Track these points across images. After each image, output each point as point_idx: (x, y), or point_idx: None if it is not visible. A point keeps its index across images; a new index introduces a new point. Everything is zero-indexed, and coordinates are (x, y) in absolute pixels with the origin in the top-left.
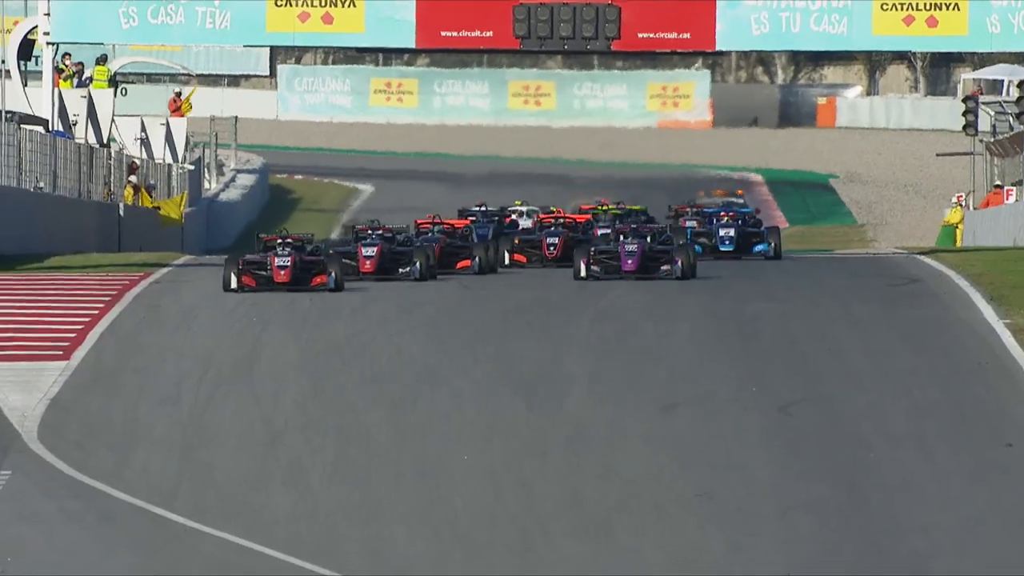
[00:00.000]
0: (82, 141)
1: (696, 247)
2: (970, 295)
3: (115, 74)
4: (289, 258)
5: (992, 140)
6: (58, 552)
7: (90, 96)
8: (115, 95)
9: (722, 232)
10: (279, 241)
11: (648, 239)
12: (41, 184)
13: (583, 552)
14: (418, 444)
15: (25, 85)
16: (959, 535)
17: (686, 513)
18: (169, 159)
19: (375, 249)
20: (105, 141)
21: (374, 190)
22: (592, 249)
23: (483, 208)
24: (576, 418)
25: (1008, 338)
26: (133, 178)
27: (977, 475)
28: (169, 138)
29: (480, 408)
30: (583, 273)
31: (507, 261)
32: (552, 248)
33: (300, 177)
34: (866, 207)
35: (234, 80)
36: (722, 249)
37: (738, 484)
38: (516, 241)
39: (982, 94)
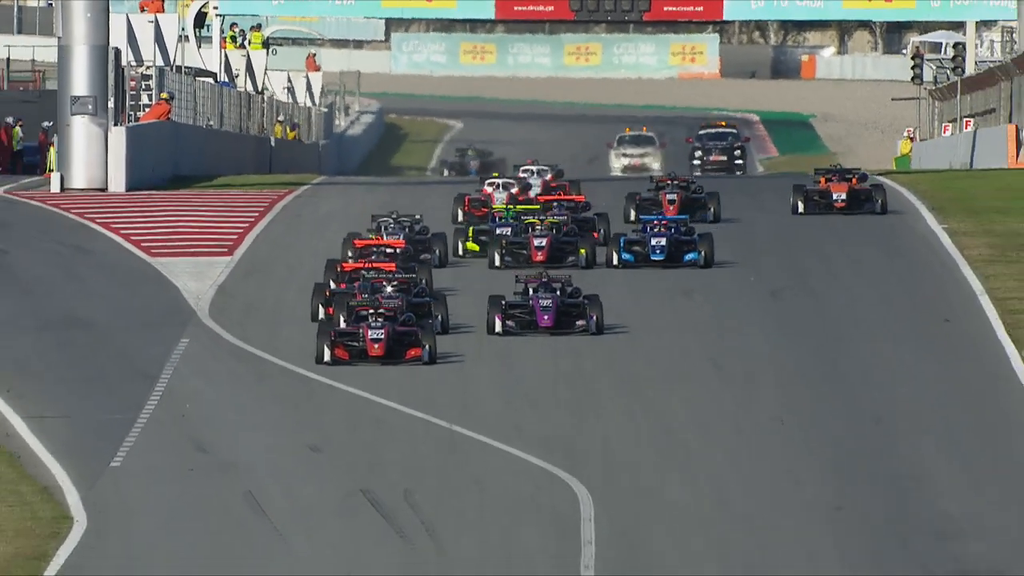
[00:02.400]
0: (242, 90)
1: (629, 256)
2: (917, 207)
3: (267, 38)
4: (383, 330)
5: (934, 88)
6: (224, 403)
7: (248, 55)
8: (267, 55)
9: (654, 241)
10: (371, 311)
11: (558, 292)
12: (211, 122)
13: (622, 407)
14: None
15: (199, 47)
16: (912, 390)
17: (702, 378)
18: (309, 103)
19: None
20: (259, 90)
21: (463, 126)
22: (503, 302)
23: (395, 216)
24: (615, 307)
25: (946, 239)
26: (281, 117)
27: (925, 345)
28: (309, 88)
29: None
30: (498, 328)
31: None
32: None
33: (407, 117)
34: (837, 139)
35: (358, 44)
36: (654, 258)
37: (741, 354)
38: None
39: (926, 53)
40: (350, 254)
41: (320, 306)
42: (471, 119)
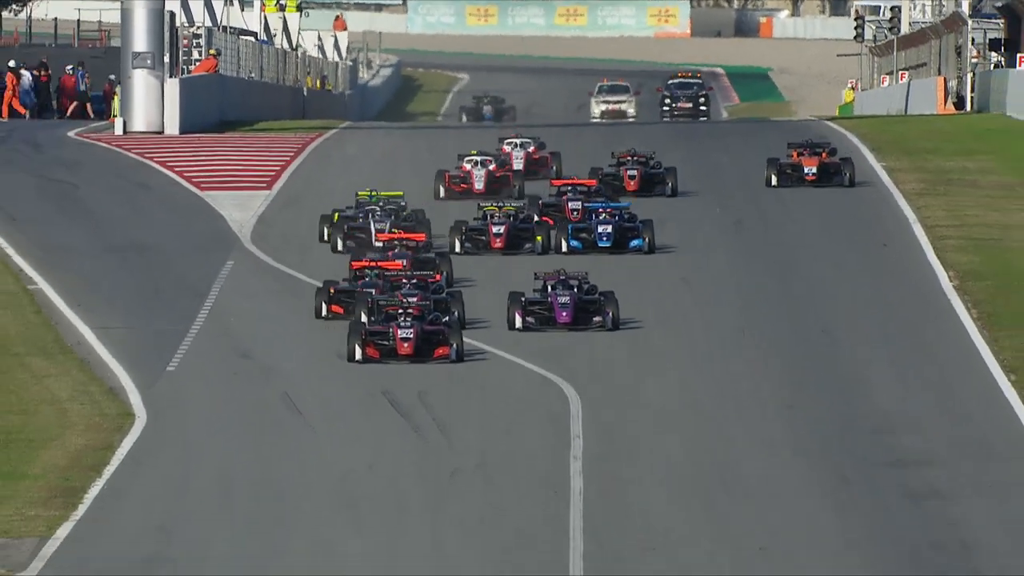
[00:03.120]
0: (279, 47)
1: (577, 243)
2: (859, 147)
3: (301, 2)
4: (412, 330)
5: (874, 45)
6: (263, 315)
7: (284, 17)
8: (301, 16)
9: (600, 229)
10: (400, 311)
11: (575, 289)
12: (252, 74)
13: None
14: (501, 287)
15: (242, 10)
16: (854, 305)
17: (676, 298)
18: (336, 59)
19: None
20: (294, 47)
21: (469, 78)
22: (523, 299)
23: (380, 204)
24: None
25: (884, 175)
26: (311, 70)
27: (865, 266)
28: (336, 46)
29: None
30: (519, 324)
31: None
32: None
33: (421, 70)
34: (791, 89)
35: (379, 7)
36: (600, 245)
37: (709, 278)
38: None
39: (867, 15)
40: (340, 241)
41: (323, 303)
42: (476, 72)
